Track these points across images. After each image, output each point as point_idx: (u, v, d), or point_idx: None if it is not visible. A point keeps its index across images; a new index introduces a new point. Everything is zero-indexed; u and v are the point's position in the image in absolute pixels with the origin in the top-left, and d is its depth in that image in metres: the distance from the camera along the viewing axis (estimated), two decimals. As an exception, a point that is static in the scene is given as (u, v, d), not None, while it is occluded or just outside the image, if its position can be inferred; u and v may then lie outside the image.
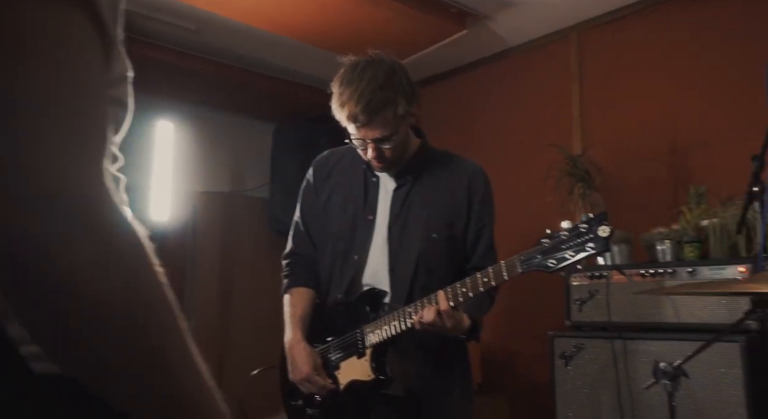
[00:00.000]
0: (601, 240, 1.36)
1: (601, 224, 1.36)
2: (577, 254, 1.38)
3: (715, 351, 2.11)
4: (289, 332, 1.74)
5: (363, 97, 1.61)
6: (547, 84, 3.27)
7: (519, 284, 3.19)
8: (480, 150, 3.48)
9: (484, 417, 2.96)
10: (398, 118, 1.67)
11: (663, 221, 2.54)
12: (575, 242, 1.38)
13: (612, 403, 2.32)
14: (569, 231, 1.39)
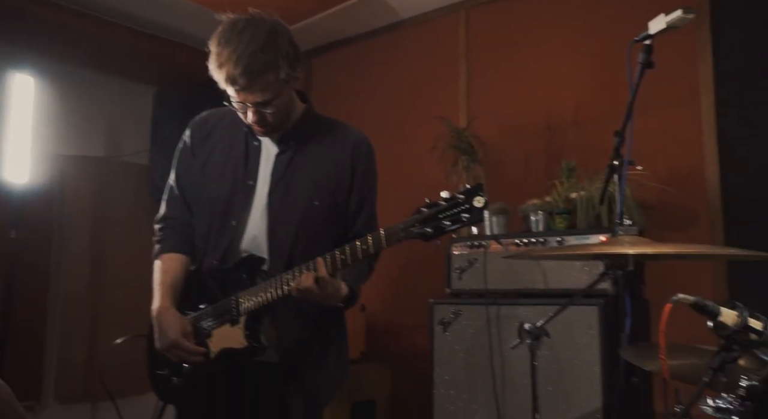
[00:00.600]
0: (476, 210, 1.39)
1: (476, 195, 1.39)
2: (453, 224, 1.41)
3: (577, 314, 2.27)
4: (157, 299, 1.66)
5: (242, 59, 1.54)
6: (436, 58, 3.32)
7: (403, 255, 3.28)
8: (370, 120, 3.50)
9: (368, 384, 3.02)
10: (280, 82, 1.61)
11: (539, 193, 2.68)
12: (452, 211, 1.40)
13: (485, 365, 2.44)
14: (447, 201, 1.42)
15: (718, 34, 2.43)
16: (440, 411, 2.53)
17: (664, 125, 2.56)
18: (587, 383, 2.21)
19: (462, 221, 1.38)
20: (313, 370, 1.69)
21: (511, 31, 3.08)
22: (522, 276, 2.48)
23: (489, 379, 2.41)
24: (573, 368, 2.25)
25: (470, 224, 1.39)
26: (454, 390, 2.52)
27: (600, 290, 2.25)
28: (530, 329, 1.70)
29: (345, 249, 1.50)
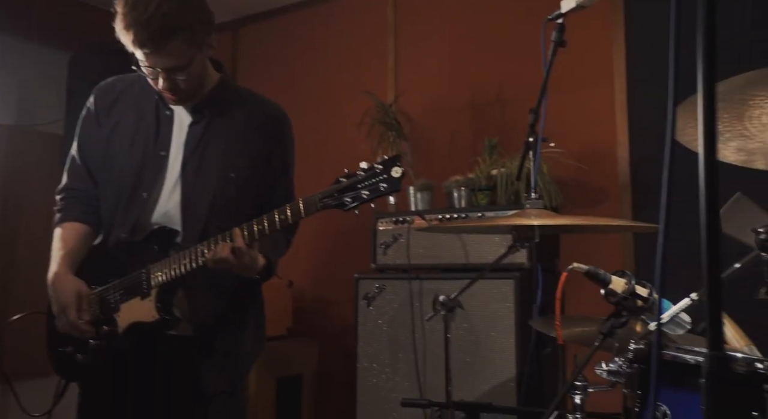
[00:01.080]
0: (393, 180, 1.39)
1: (394, 166, 1.40)
2: (371, 193, 1.41)
3: (494, 287, 2.34)
4: (54, 266, 1.60)
5: (152, 21, 1.47)
6: (365, 32, 3.30)
7: (331, 231, 3.28)
8: (298, 93, 3.45)
9: (294, 360, 3.02)
10: (193, 47, 1.55)
11: (463, 170, 2.73)
12: (370, 181, 1.41)
13: (407, 338, 2.49)
14: (365, 171, 1.42)
15: (632, 16, 2.51)
16: (363, 384, 2.56)
17: (580, 104, 2.64)
18: (502, 354, 2.28)
19: (380, 191, 1.39)
20: (228, 343, 1.67)
21: (440, 7, 3.09)
22: (444, 251, 2.52)
23: (411, 352, 2.46)
24: (489, 339, 2.32)
25: (388, 194, 1.39)
26: (377, 364, 2.55)
27: (516, 264, 2.32)
28: (444, 301, 1.73)
29: (262, 219, 1.48)
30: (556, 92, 2.56)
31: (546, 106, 1.98)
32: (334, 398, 3.14)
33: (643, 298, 1.19)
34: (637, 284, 1.20)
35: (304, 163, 3.51)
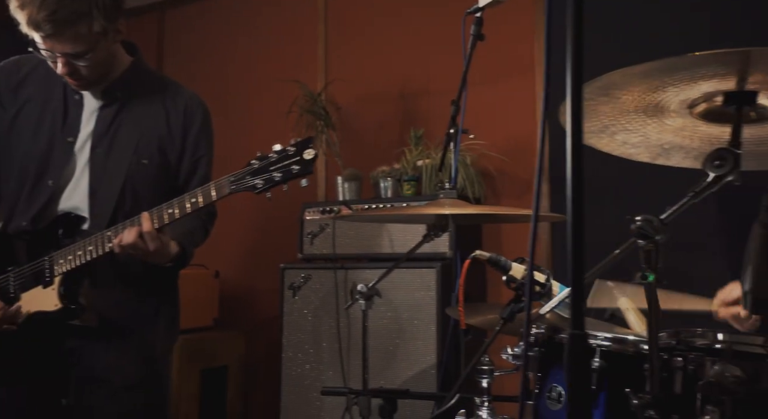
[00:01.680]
0: (305, 162, 1.39)
1: (306, 148, 1.40)
2: (284, 176, 1.40)
3: (417, 276, 2.38)
4: None
5: (48, 3, 1.41)
6: (296, 20, 3.26)
7: (258, 219, 3.24)
8: (225, 80, 3.38)
9: (220, 352, 2.98)
10: (95, 34, 1.50)
11: (391, 160, 2.75)
12: (282, 164, 1.40)
13: (332, 328, 2.50)
14: (278, 154, 1.41)
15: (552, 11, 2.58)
16: (288, 374, 2.56)
17: (504, 97, 2.70)
18: (424, 341, 2.32)
19: (292, 173, 1.38)
20: (137, 334, 1.63)
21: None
22: (370, 241, 2.54)
23: (335, 341, 2.47)
24: (413, 327, 2.36)
25: (300, 176, 1.39)
26: (301, 354, 2.55)
27: (440, 254, 2.37)
28: (362, 290, 1.75)
29: (173, 203, 1.45)
30: (480, 85, 2.61)
31: (467, 98, 2.02)
32: (259, 389, 3.12)
33: (541, 284, 1.23)
34: (535, 271, 1.24)
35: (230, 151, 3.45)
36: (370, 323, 2.39)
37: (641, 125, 1.00)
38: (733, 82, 0.87)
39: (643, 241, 0.93)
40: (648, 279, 0.94)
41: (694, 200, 0.92)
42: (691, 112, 0.95)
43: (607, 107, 0.94)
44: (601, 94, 0.91)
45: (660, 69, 0.83)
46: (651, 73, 0.85)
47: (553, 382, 1.26)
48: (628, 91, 0.90)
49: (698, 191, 0.91)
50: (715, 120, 0.95)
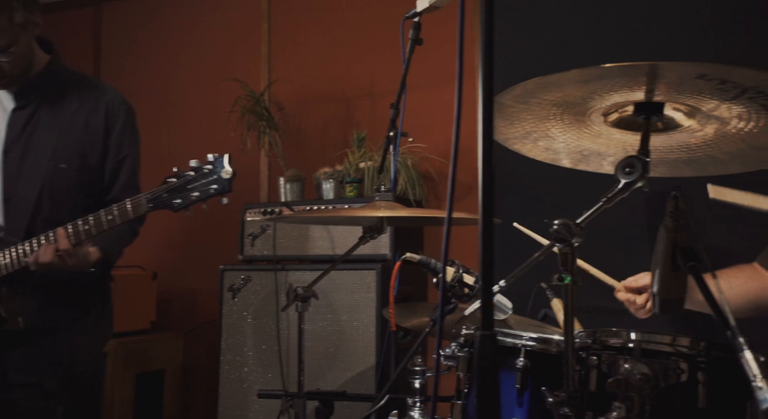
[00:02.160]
0: (223, 181, 1.40)
1: (224, 167, 1.40)
2: (201, 195, 1.40)
3: (358, 278, 2.39)
4: None
5: None
6: (239, 18, 3.22)
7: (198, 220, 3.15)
8: (165, 78, 3.30)
9: (157, 355, 2.90)
10: (16, 26, 1.45)
11: (334, 162, 2.75)
12: (200, 182, 1.40)
13: (272, 330, 2.47)
14: (195, 171, 1.41)
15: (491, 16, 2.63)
16: (226, 377, 2.52)
17: (446, 101, 2.74)
18: (364, 343, 2.33)
19: (210, 193, 1.39)
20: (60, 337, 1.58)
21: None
22: (312, 243, 2.53)
23: (275, 344, 2.45)
24: (352, 329, 2.37)
25: (218, 195, 1.40)
26: (240, 356, 2.52)
27: (380, 255, 2.38)
28: (298, 291, 1.74)
29: (89, 220, 1.42)
30: (422, 89, 2.65)
31: (409, 102, 2.04)
32: (197, 392, 3.06)
33: (470, 286, 1.26)
34: (464, 273, 1.27)
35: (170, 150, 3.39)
36: (310, 325, 2.40)
37: (561, 132, 1.03)
38: (641, 94, 0.91)
39: (560, 244, 0.97)
40: (565, 281, 0.98)
41: (606, 205, 0.96)
42: (605, 120, 0.99)
43: (528, 114, 0.97)
44: (521, 101, 0.94)
45: (572, 79, 0.87)
46: (564, 83, 0.88)
47: (481, 382, 1.29)
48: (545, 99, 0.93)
49: (610, 197, 0.95)
50: (627, 128, 0.99)
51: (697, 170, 1.04)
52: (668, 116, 0.94)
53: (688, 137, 0.97)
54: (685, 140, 0.99)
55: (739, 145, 0.95)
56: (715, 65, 0.77)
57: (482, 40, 0.67)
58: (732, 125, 0.91)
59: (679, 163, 1.03)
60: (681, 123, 0.95)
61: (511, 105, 0.95)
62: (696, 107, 0.91)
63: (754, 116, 0.87)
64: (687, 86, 0.83)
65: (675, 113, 0.94)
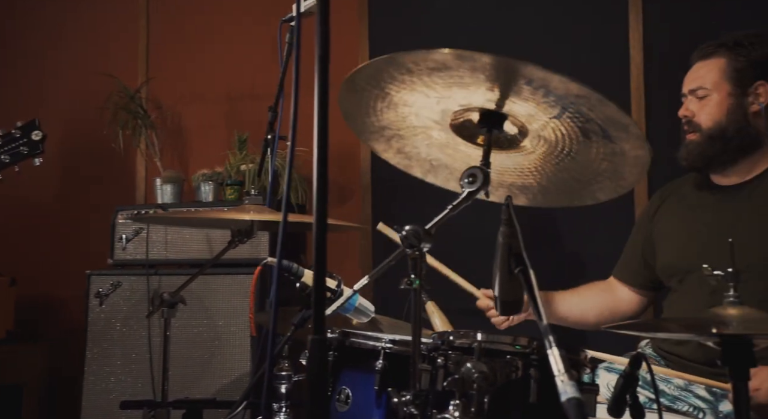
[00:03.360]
0: (33, 143, 1.47)
1: (33, 130, 1.48)
2: (12, 158, 1.47)
3: (236, 283, 2.34)
4: None
5: None
6: (116, 12, 3.06)
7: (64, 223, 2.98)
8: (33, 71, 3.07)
9: (14, 368, 2.68)
10: None
11: (214, 164, 2.69)
12: (10, 147, 1.45)
13: (143, 337, 2.37)
14: (2, 138, 1.46)
15: (375, 27, 2.69)
16: (92, 388, 2.38)
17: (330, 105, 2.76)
18: (240, 349, 2.29)
19: (22, 155, 1.46)
20: None
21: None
22: (188, 247, 2.45)
23: (146, 352, 2.34)
24: (229, 335, 2.31)
25: (31, 157, 1.46)
26: (108, 366, 2.39)
27: (260, 259, 2.33)
28: (165, 297, 1.68)
29: None
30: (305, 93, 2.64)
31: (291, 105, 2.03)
32: (60, 406, 2.86)
33: (332, 290, 1.27)
34: (327, 277, 1.28)
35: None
36: (185, 331, 2.32)
37: (411, 133, 1.07)
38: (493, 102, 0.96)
39: (410, 249, 1.01)
40: (414, 284, 1.01)
41: (452, 212, 1.01)
42: (451, 124, 1.04)
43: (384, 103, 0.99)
44: (375, 86, 0.96)
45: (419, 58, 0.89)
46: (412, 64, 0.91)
47: (343, 385, 1.31)
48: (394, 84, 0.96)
49: (455, 205, 1.00)
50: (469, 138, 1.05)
51: (531, 200, 1.11)
52: (507, 132, 1.01)
53: (523, 160, 1.04)
54: (520, 162, 1.05)
55: (563, 174, 1.03)
56: (539, 69, 0.83)
57: (318, 38, 0.69)
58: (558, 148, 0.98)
59: (514, 189, 1.10)
60: (517, 141, 1.02)
61: (365, 89, 0.97)
62: (527, 125, 0.98)
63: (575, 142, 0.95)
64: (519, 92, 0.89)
65: (513, 128, 1.01)
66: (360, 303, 1.31)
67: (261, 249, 2.38)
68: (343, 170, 2.74)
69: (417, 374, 1.00)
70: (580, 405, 0.69)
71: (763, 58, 1.51)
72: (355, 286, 1.11)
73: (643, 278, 1.76)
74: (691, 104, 1.57)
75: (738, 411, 0.93)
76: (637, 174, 0.98)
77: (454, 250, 1.88)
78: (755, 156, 1.54)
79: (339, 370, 1.32)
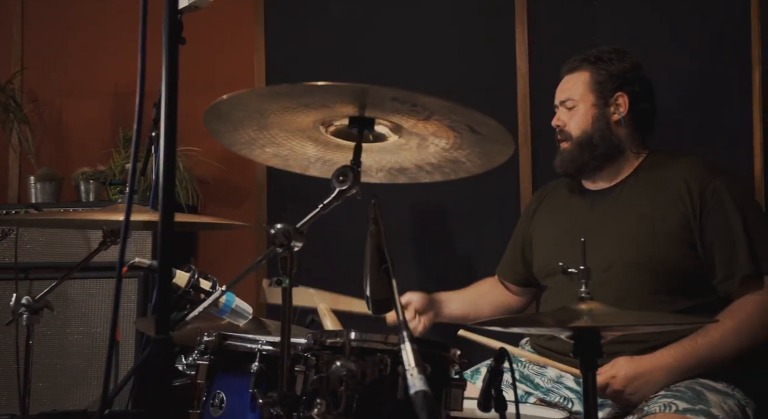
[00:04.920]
0: None
1: None
2: None
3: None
4: None
5: None
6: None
7: None
8: None
9: None
10: None
11: (95, 162, 2.55)
12: None
13: (9, 346, 2.19)
14: None
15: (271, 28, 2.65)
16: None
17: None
18: (123, 356, 2.18)
19: None
20: None
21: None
22: (64, 249, 2.31)
23: (14, 362, 2.17)
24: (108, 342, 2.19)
25: None
26: (-32, 380, 2.19)
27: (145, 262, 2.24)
28: (26, 302, 1.56)
29: None
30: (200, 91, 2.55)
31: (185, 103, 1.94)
32: None
33: (206, 291, 1.24)
34: (201, 278, 1.24)
35: None
36: (58, 339, 2.17)
37: (286, 140, 1.07)
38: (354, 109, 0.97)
39: (280, 248, 0.99)
40: (283, 284, 1.00)
41: (323, 211, 1.01)
42: (326, 130, 1.04)
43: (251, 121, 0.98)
44: (239, 109, 0.95)
45: (281, 93, 0.90)
46: (276, 96, 0.92)
47: (218, 389, 1.27)
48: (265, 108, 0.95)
49: (326, 204, 1.00)
50: (345, 138, 1.06)
51: (410, 178, 1.15)
52: (378, 131, 1.02)
53: (399, 149, 1.07)
54: (397, 151, 1.08)
55: (438, 158, 1.07)
56: (405, 92, 0.87)
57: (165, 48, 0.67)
58: (430, 141, 1.02)
59: (394, 171, 1.13)
60: (389, 137, 1.04)
61: (228, 112, 0.95)
62: (399, 124, 1.00)
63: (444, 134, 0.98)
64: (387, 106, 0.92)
65: (384, 128, 1.02)
66: (236, 305, 1.28)
67: (146, 252, 2.28)
68: (238, 171, 2.69)
69: (285, 375, 0.99)
70: (427, 397, 0.70)
71: (621, 71, 1.62)
72: (224, 287, 1.08)
73: (523, 276, 1.84)
74: (562, 115, 1.67)
75: (586, 397, 0.98)
76: (506, 152, 1.05)
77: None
78: (619, 162, 1.66)
79: (214, 374, 1.29)
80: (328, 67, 2.52)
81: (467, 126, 0.93)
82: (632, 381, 1.40)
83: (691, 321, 1.36)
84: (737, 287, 1.46)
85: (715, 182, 1.53)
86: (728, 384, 1.43)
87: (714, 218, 1.50)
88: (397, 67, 2.45)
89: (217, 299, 1.25)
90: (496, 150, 1.00)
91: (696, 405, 1.33)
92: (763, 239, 1.48)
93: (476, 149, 1.02)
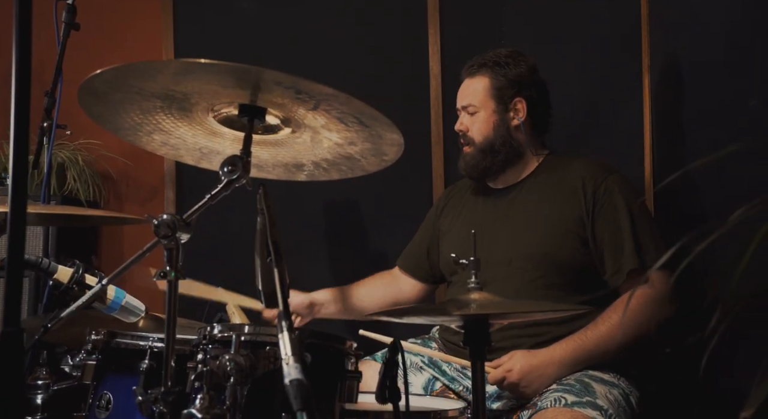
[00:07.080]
0: None
1: None
2: None
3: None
4: None
5: None
6: None
7: None
8: None
9: None
10: None
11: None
12: None
13: None
14: None
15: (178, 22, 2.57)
16: None
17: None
18: (11, 360, 2.04)
19: None
20: None
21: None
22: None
23: None
24: None
25: None
26: None
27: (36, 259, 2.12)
28: None
29: None
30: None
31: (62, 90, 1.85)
32: None
33: (92, 287, 1.18)
34: (87, 274, 1.18)
35: None
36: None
37: (173, 127, 1.03)
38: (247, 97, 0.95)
39: (165, 240, 0.96)
40: (168, 276, 0.97)
41: (211, 202, 0.98)
42: (214, 116, 1.01)
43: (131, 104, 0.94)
44: (115, 88, 0.91)
45: (157, 69, 0.87)
46: (154, 72, 0.88)
47: (105, 389, 1.21)
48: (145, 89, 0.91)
49: (213, 194, 0.98)
50: (234, 127, 1.03)
51: (308, 176, 1.13)
52: (270, 121, 1.01)
53: (293, 143, 1.06)
54: (291, 144, 1.07)
55: (333, 154, 1.06)
56: (288, 75, 0.85)
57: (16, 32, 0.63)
58: (323, 135, 1.01)
59: (291, 167, 1.11)
60: (281, 129, 1.03)
61: (106, 92, 0.91)
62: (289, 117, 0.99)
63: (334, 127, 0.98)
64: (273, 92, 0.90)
65: (275, 119, 1.01)
66: (127, 302, 1.23)
67: (36, 248, 2.15)
68: (146, 166, 2.58)
69: (169, 370, 0.95)
70: (302, 386, 0.70)
71: (519, 77, 1.66)
72: (103, 281, 1.03)
73: (424, 271, 1.87)
74: (464, 119, 1.70)
75: (474, 386, 1.01)
76: (395, 152, 1.05)
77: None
78: (520, 164, 1.71)
79: (102, 374, 1.23)
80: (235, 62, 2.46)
81: (355, 118, 0.93)
82: (527, 374, 1.44)
83: (567, 308, 1.42)
84: (624, 282, 1.53)
85: (607, 181, 1.60)
86: (614, 374, 1.50)
87: (604, 215, 1.57)
88: (306, 64, 2.42)
89: (103, 295, 1.20)
90: (387, 145, 1.00)
91: (583, 398, 1.38)
92: (648, 235, 1.56)
93: (368, 145, 1.02)
